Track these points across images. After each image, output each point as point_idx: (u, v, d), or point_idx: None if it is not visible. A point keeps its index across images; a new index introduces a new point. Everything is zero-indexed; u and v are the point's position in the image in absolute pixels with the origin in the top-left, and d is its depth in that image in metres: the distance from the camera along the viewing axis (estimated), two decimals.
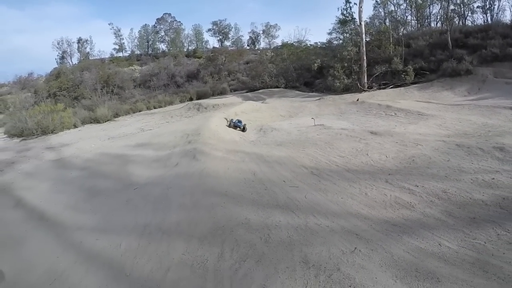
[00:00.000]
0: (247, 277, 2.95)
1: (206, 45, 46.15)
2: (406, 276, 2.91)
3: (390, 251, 3.30)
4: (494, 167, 5.82)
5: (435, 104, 15.35)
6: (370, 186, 5.07)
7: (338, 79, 19.04)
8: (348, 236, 3.55)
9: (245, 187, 4.90)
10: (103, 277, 3.33)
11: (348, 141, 7.64)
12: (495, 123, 10.66)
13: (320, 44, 27.71)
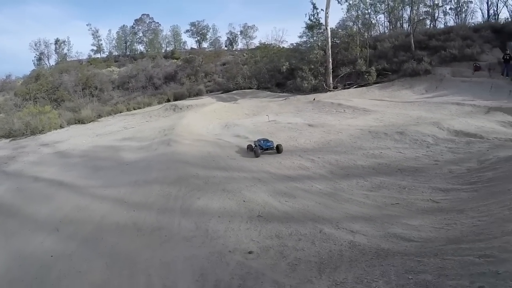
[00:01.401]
0: (192, 197, 5.89)
1: (184, 46, 48.68)
2: (276, 195, 5.88)
3: (275, 186, 6.29)
4: (387, 145, 8.92)
5: (387, 101, 18.60)
6: (286, 158, 8.08)
7: (306, 80, 22.08)
8: (253, 180, 6.56)
9: (200, 159, 7.85)
10: (111, 205, 6.21)
11: (287, 132, 10.65)
12: (430, 115, 13.90)
13: (292, 46, 30.73)
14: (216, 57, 35.79)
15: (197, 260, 3.95)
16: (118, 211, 5.84)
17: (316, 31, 25.02)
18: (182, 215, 5.25)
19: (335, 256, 3.68)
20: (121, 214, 5.72)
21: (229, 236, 4.37)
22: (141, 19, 48.79)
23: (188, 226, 4.87)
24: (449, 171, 6.62)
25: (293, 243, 4.04)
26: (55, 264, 4.55)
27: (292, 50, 28.30)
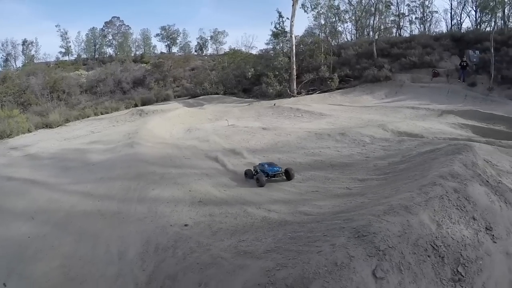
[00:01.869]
0: (148, 189, 7.23)
1: (153, 50, 49.52)
2: (218, 186, 7.30)
3: (218, 180, 7.72)
4: (328, 145, 10.48)
5: (346, 106, 20.35)
6: (235, 158, 9.52)
7: (271, 86, 23.63)
8: (201, 175, 7.96)
9: (159, 159, 9.19)
10: (79, 197, 7.45)
11: (242, 135, 12.08)
12: (382, 118, 15.63)
13: (261, 52, 32.26)
14: (186, 62, 36.51)
15: (146, 232, 5.31)
16: (85, 202, 7.12)
17: (281, 39, 26.82)
18: (138, 203, 6.59)
19: (248, 226, 5.13)
20: (87, 204, 7.01)
21: (173, 216, 5.76)
22: (111, 21, 49.15)
23: (141, 210, 6.22)
24: (374, 165, 8.18)
25: (220, 218, 5.48)
26: (31, 243, 5.80)
27: (258, 57, 29.75)
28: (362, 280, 2.67)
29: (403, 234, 3.10)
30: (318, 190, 6.82)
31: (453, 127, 14.85)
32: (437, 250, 3.03)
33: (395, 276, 2.74)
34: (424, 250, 3.00)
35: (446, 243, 3.15)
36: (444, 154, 6.72)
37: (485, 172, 5.68)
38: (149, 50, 49.85)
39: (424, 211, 3.57)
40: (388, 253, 2.87)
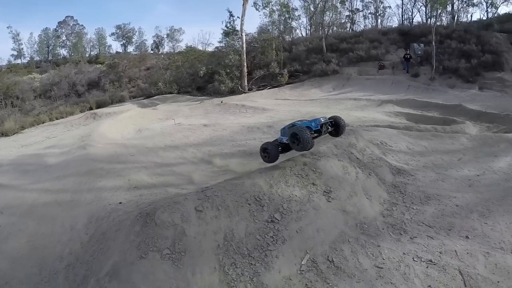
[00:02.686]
0: (95, 181, 9.31)
1: (109, 50, 50.89)
2: (152, 175, 9.47)
3: (154, 170, 9.84)
4: (255, 137, 12.74)
5: (292, 100, 22.75)
6: (173, 151, 11.69)
7: (224, 83, 25.81)
8: (141, 168, 10.08)
9: (107, 157, 11.24)
10: (40, 193, 9.43)
11: (184, 132, 14.22)
12: (322, 110, 17.99)
13: (214, 50, 34.44)
14: (141, 61, 38.28)
15: (91, 211, 7.42)
16: (44, 196, 9.11)
17: (232, 37, 29.09)
18: (87, 192, 8.65)
19: (164, 198, 7.36)
20: (46, 197, 9.01)
21: (112, 198, 7.88)
22: (65, 21, 50.08)
23: (90, 197, 8.30)
24: None
25: (147, 197, 7.66)
26: (3, 230, 7.77)
27: (211, 55, 31.95)
28: (187, 210, 4.80)
29: (233, 189, 5.33)
30: (227, 173, 9.12)
31: (389, 115, 17.38)
32: (259, 201, 5.15)
33: (213, 211, 4.74)
34: (246, 200, 5.07)
35: (271, 198, 5.18)
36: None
37: (362, 150, 7.91)
38: (104, 50, 51.58)
39: (261, 177, 5.76)
40: (211, 198, 4.93)
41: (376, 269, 4.28)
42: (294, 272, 4.05)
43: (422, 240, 5.03)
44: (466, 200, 6.45)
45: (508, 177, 7.80)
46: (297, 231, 4.52)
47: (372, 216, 5.54)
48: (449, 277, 4.27)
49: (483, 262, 4.54)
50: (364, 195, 6.03)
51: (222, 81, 26.01)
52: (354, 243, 4.73)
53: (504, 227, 5.46)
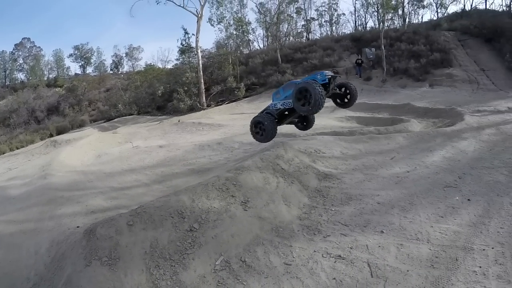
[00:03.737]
0: (56, 209, 10.53)
1: (67, 72, 51.16)
2: (108, 199, 10.77)
3: (110, 194, 11.14)
4: (204, 154, 13.97)
5: (247, 114, 23.93)
6: (128, 175, 12.99)
7: (182, 101, 27.12)
8: (98, 193, 11.35)
9: (67, 186, 12.40)
10: (5, 225, 10.58)
11: (140, 155, 15.50)
12: None
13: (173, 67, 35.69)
14: (101, 82, 39.00)
15: (52, 237, 8.61)
16: (9, 227, 10.18)
17: (188, 55, 30.56)
18: (49, 220, 9.82)
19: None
20: (12, 227, 10.09)
21: (71, 223, 9.12)
22: (22, 43, 50.07)
23: (51, 224, 9.48)
24: (228, 166, 11.94)
25: (101, 219, 9.01)
26: None
27: (168, 73, 33.17)
28: (120, 225, 5.81)
29: (160, 205, 6.63)
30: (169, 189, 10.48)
31: (340, 120, 18.94)
32: (181, 214, 6.45)
33: (141, 225, 5.75)
34: (169, 214, 6.33)
35: (192, 210, 6.41)
36: (259, 152, 10.57)
37: (290, 160, 9.07)
38: (62, 72, 51.67)
39: (186, 193, 7.03)
40: (141, 214, 6.05)
41: (284, 266, 5.11)
42: (208, 271, 5.08)
43: (335, 238, 5.69)
44: (389, 197, 7.13)
45: (439, 170, 8.67)
46: (212, 237, 5.68)
47: (288, 220, 6.58)
48: (356, 270, 4.80)
49: (395, 254, 5.10)
50: (282, 202, 7.12)
51: (181, 99, 27.25)
52: (267, 245, 5.65)
53: (424, 219, 6.13)
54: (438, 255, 5.02)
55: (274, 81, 29.19)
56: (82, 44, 52.30)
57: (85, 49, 51.96)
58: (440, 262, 4.87)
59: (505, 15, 37.92)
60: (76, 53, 51.88)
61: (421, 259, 4.98)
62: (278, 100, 9.56)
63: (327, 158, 9.71)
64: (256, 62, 32.70)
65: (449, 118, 15.78)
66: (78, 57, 51.89)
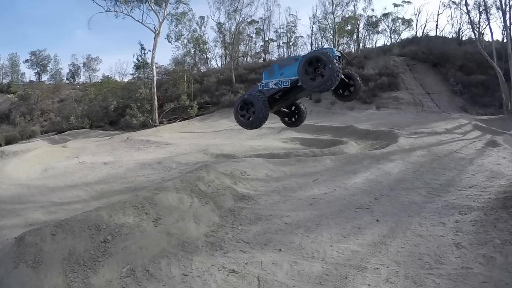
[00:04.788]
0: None
1: (22, 78, 50.81)
2: (50, 213, 12.07)
3: (49, 209, 12.45)
4: (144, 173, 14.94)
5: (197, 133, 25.61)
6: (69, 191, 14.27)
7: (135, 117, 28.19)
8: (37, 208, 12.60)
9: (10, 198, 13.42)
10: None
11: (85, 171, 16.67)
12: (221, 142, 20.72)
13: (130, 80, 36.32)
14: (55, 92, 39.39)
15: None
16: None
17: (143, 70, 31.78)
18: None
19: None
20: None
21: (10, 234, 10.27)
22: None
23: None
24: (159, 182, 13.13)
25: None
26: None
27: (123, 88, 33.96)
28: (45, 234, 6.61)
29: (82, 219, 7.85)
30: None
31: (284, 142, 20.42)
32: (98, 227, 7.37)
33: (62, 235, 6.41)
34: (88, 226, 6.88)
35: (108, 224, 6.98)
36: (185, 173, 12.11)
37: (210, 182, 9.71)
38: (17, 78, 51.04)
39: (105, 209, 7.65)
40: (63, 226, 6.40)
41: (182, 277, 5.59)
42: (115, 277, 5.91)
43: (234, 254, 6.18)
44: (298, 218, 7.69)
45: (357, 191, 9.38)
46: (122, 248, 6.74)
47: (195, 236, 7.34)
48: (246, 283, 5.21)
49: (286, 270, 5.52)
50: (192, 220, 7.95)
51: (134, 115, 28.37)
52: (171, 258, 6.30)
53: (326, 238, 6.65)
54: (329, 273, 5.43)
55: (227, 100, 30.87)
56: (39, 50, 51.63)
57: (42, 56, 51.69)
58: (328, 279, 5.26)
59: (453, 41, 41.86)
60: (32, 59, 51.55)
61: (310, 276, 5.34)
62: (272, 78, 8.85)
63: (249, 180, 10.36)
64: (211, 80, 34.35)
65: (386, 140, 17.25)
66: (34, 64, 51.49)
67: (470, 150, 15.30)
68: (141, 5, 31.41)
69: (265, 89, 8.91)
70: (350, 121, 24.47)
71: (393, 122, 23.14)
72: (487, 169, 11.74)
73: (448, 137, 18.27)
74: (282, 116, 10.84)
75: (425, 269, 5.44)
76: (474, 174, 11.18)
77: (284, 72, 8.92)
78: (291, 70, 8.73)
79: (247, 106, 9.26)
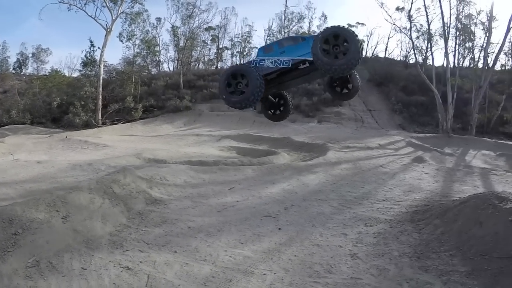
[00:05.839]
0: None
1: None
2: None
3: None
4: (74, 174, 14.31)
5: (138, 136, 25.77)
6: (1, 188, 15.22)
7: (78, 116, 27.81)
8: None
9: None
10: None
11: (18, 168, 16.31)
12: (159, 147, 20.65)
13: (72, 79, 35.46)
14: (0, 81, 38.69)
15: None
16: None
17: (91, 68, 31.58)
18: None
19: None
20: None
21: None
22: None
23: None
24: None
25: None
26: None
27: (68, 85, 33.30)
28: None
29: None
30: None
31: (221, 150, 20.58)
32: (11, 220, 6.40)
33: None
34: (1, 220, 5.67)
35: (20, 218, 6.15)
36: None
37: (125, 185, 9.53)
38: None
39: (19, 205, 7.07)
40: None
41: (80, 270, 5.83)
42: (21, 267, 5.98)
43: (132, 253, 6.41)
44: (203, 223, 7.98)
45: (270, 201, 9.68)
46: (31, 241, 6.60)
47: (100, 235, 7.39)
48: (136, 279, 5.48)
49: (176, 270, 5.75)
50: (100, 219, 7.98)
51: (77, 114, 28.24)
52: (75, 253, 6.36)
53: (223, 244, 6.82)
54: (215, 275, 5.64)
55: (172, 105, 31.65)
56: None
57: None
58: (213, 281, 5.49)
59: (400, 64, 44.99)
60: None
61: (197, 277, 5.57)
62: (268, 56, 7.96)
63: (166, 186, 10.64)
64: (159, 84, 34.97)
65: (318, 152, 17.68)
66: None
67: (396, 165, 16.06)
68: (96, 0, 31.68)
69: (260, 66, 7.86)
70: (290, 133, 25.26)
71: (331, 136, 24.06)
72: (407, 184, 12.31)
73: (380, 152, 19.31)
74: (267, 107, 10.16)
75: (312, 277, 5.63)
76: (392, 188, 11.66)
77: (285, 50, 8.16)
78: (296, 49, 8.04)
79: (238, 79, 8.14)
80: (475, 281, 5.19)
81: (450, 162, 18.76)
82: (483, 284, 5.08)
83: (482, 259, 5.60)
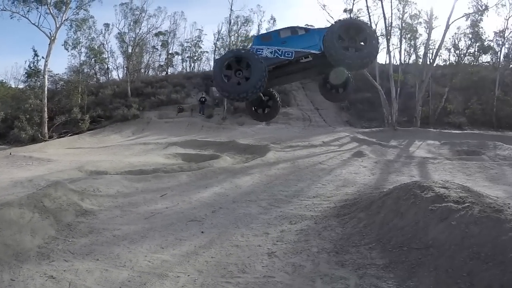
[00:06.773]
0: None
1: None
2: None
3: None
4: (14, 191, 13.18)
5: (84, 149, 23.54)
6: None
7: (24, 130, 26.42)
8: None
9: None
10: None
11: None
12: (105, 158, 18.34)
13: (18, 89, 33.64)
14: None
15: None
16: None
17: (35, 79, 30.11)
18: None
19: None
20: None
21: None
22: None
23: None
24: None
25: None
26: None
27: (13, 97, 31.63)
28: None
29: None
30: None
31: (167, 158, 18.72)
32: None
33: None
34: None
35: None
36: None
37: (56, 198, 9.22)
38: None
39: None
40: None
41: (10, 281, 5.94)
42: None
43: (57, 263, 6.51)
44: (129, 231, 7.97)
45: (199, 205, 9.75)
46: None
47: (29, 247, 7.24)
48: (59, 287, 5.66)
49: (96, 277, 5.91)
50: (29, 233, 7.76)
51: (23, 128, 26.98)
52: (5, 265, 6.40)
53: (144, 249, 6.92)
54: (131, 280, 5.79)
55: (120, 114, 30.80)
56: None
57: None
58: (129, 285, 5.65)
59: None
60: None
61: (114, 282, 5.72)
62: (267, 45, 7.28)
63: (98, 197, 10.55)
64: (107, 93, 34.06)
65: (260, 154, 17.67)
66: None
67: (335, 161, 16.12)
68: (39, 7, 29.99)
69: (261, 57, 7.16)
70: (238, 136, 25.12)
71: (277, 136, 24.15)
72: (341, 179, 12.41)
73: (322, 150, 19.47)
74: (254, 104, 9.21)
75: (225, 277, 5.76)
76: (325, 184, 11.74)
77: (287, 41, 7.56)
78: (299, 41, 7.49)
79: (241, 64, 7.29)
80: (391, 274, 5.29)
81: (391, 154, 19.38)
82: (399, 276, 5.18)
83: (401, 251, 5.72)
